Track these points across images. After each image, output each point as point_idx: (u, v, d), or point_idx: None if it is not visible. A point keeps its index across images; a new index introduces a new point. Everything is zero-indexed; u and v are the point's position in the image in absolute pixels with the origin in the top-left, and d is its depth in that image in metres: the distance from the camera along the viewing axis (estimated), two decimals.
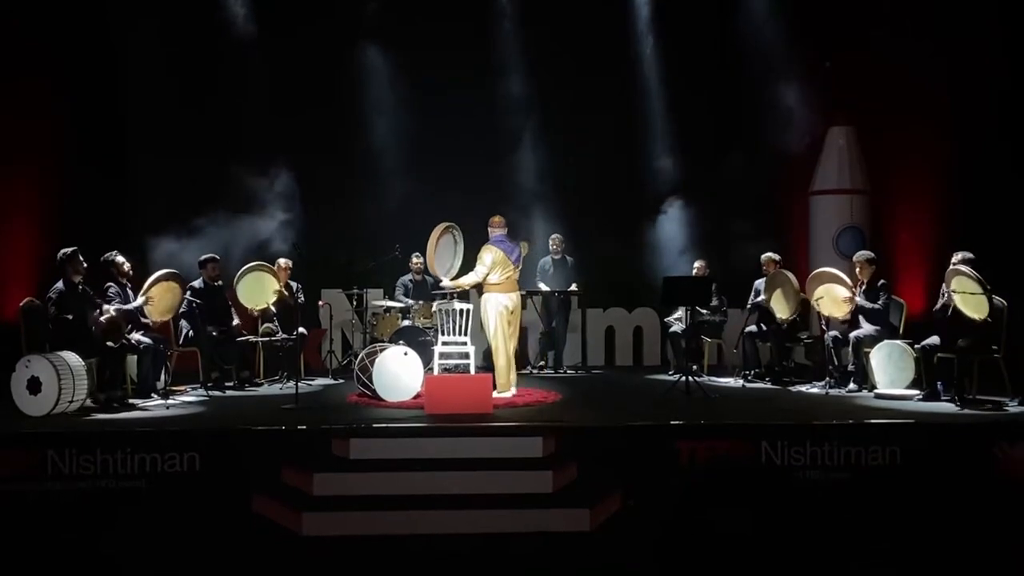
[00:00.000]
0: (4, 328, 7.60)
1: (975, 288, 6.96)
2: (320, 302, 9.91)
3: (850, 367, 8.08)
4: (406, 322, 8.87)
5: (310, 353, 9.69)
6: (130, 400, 7.28)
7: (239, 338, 8.48)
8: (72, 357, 6.70)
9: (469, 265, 7.79)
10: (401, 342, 7.98)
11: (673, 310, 9.44)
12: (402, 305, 9.10)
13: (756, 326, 8.86)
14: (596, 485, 5.98)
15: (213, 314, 8.33)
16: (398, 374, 7.34)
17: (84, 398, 6.80)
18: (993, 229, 8.85)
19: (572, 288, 9.74)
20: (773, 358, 8.76)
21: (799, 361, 9.11)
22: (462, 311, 7.65)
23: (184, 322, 8.27)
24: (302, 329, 8.45)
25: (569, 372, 9.80)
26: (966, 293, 7.03)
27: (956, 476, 6.11)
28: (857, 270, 8.13)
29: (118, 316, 7.30)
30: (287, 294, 8.82)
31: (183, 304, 8.07)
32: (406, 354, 7.39)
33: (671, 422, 6.38)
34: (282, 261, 9.17)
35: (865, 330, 7.98)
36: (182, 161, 9.85)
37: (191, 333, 8.22)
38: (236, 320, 8.59)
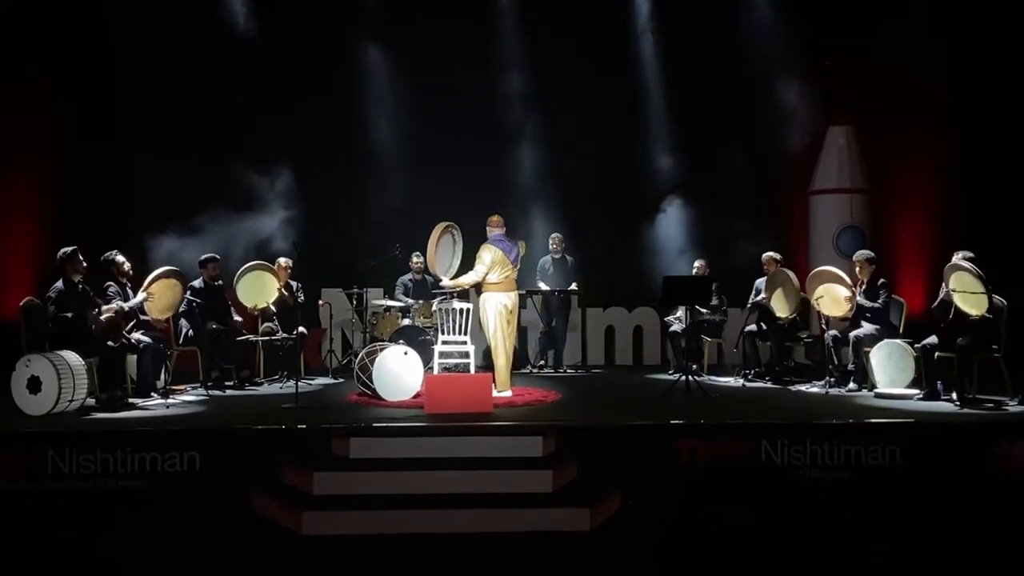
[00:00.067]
0: (4, 327, 7.58)
1: (974, 284, 6.97)
2: (320, 301, 9.93)
3: (850, 366, 8.08)
4: (406, 321, 8.87)
5: (310, 352, 9.70)
6: (130, 399, 7.28)
7: (239, 337, 8.49)
8: (72, 356, 6.70)
9: (468, 264, 7.79)
10: (401, 341, 7.98)
11: (673, 309, 9.45)
12: (402, 304, 9.11)
13: (756, 325, 8.86)
14: (596, 484, 5.99)
15: (213, 314, 8.34)
16: (398, 373, 7.34)
17: (84, 397, 6.81)
18: (993, 229, 8.85)
19: (572, 287, 9.75)
20: (773, 357, 8.76)
21: (799, 360, 9.11)
22: (462, 310, 7.65)
23: (184, 321, 8.27)
24: (302, 328, 8.46)
25: (569, 371, 9.81)
26: (966, 293, 7.04)
27: (956, 475, 6.12)
28: (857, 269, 8.13)
29: (117, 315, 7.30)
30: (287, 294, 8.83)
31: (183, 304, 8.07)
32: (406, 353, 7.40)
33: (671, 421, 6.38)
34: (282, 260, 9.17)
35: (865, 329, 7.98)
36: (182, 161, 9.84)
37: (191, 332, 8.22)
38: (237, 319, 8.59)
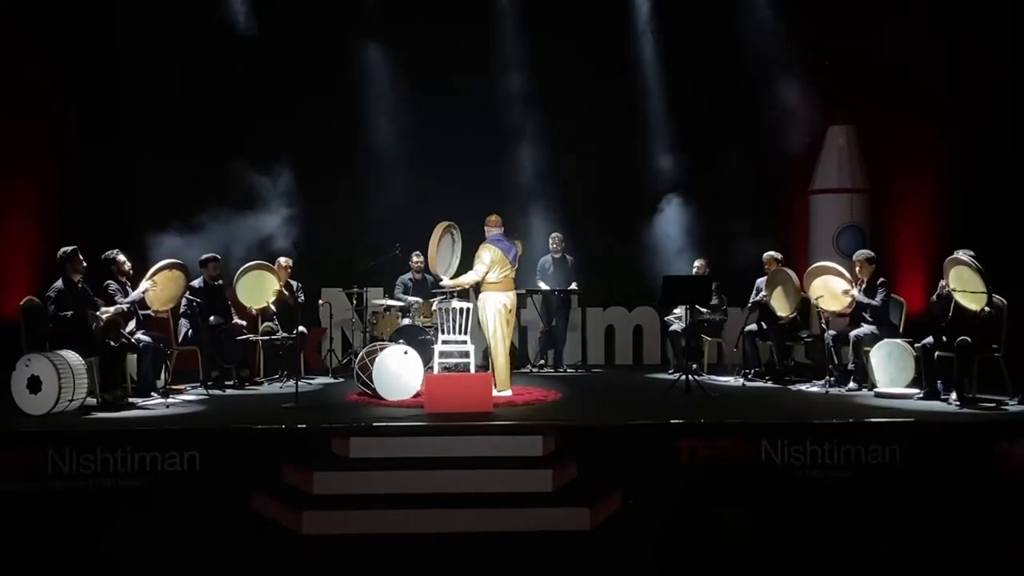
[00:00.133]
0: (4, 327, 7.58)
1: (974, 280, 6.97)
2: (320, 301, 9.92)
3: (850, 366, 8.08)
4: (406, 321, 8.87)
5: (310, 352, 9.69)
6: (130, 399, 7.28)
7: (239, 337, 8.49)
8: (72, 356, 6.70)
9: (466, 264, 7.79)
10: (401, 341, 7.98)
11: (673, 309, 9.44)
12: (402, 304, 9.10)
13: (757, 325, 8.85)
14: (596, 484, 5.99)
15: (213, 313, 8.33)
16: (398, 373, 7.34)
17: (84, 397, 6.81)
18: (993, 228, 8.84)
19: (572, 287, 9.75)
20: (774, 357, 8.76)
21: (799, 360, 9.10)
22: (462, 310, 7.65)
23: (184, 321, 8.27)
24: (302, 328, 8.46)
25: (569, 371, 9.80)
26: (966, 292, 7.04)
27: (956, 475, 6.12)
28: (857, 269, 8.13)
29: (115, 315, 7.28)
30: (287, 293, 8.83)
31: (183, 304, 8.06)
32: (406, 353, 7.39)
33: (671, 421, 6.38)
34: (282, 260, 9.16)
35: (865, 329, 7.98)
36: (182, 160, 9.84)
37: (191, 332, 8.22)
38: (238, 322, 8.59)
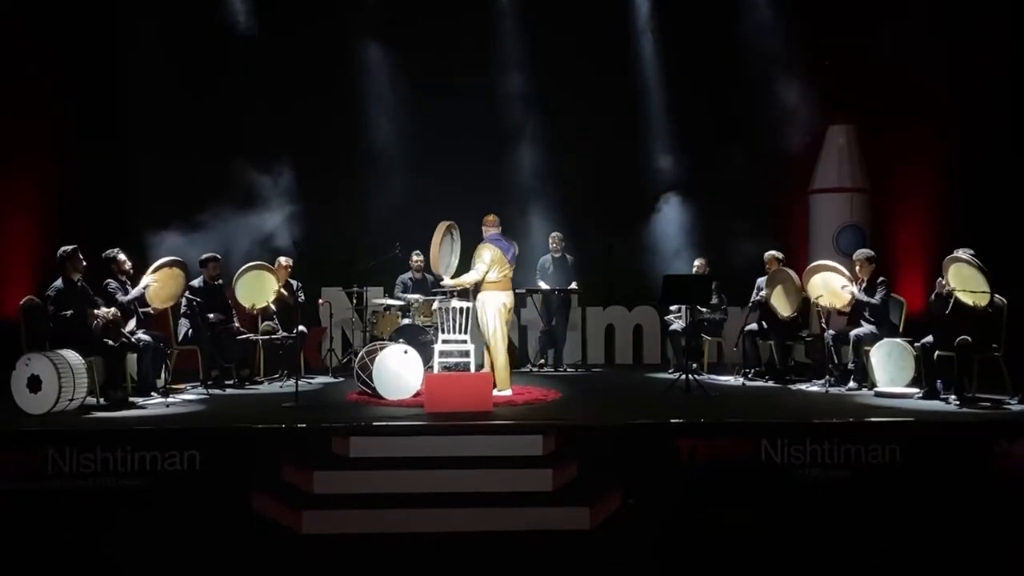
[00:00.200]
0: (4, 326, 7.58)
1: (973, 276, 6.98)
2: (320, 300, 9.93)
3: (850, 365, 8.07)
4: (406, 320, 8.87)
5: (310, 351, 9.70)
6: (130, 399, 7.28)
7: (239, 336, 8.49)
8: (72, 355, 6.70)
9: (464, 263, 7.78)
10: (401, 340, 7.98)
11: (673, 308, 9.44)
12: (402, 303, 9.10)
13: (757, 324, 8.85)
14: (596, 483, 5.98)
15: (213, 313, 8.32)
16: (398, 372, 7.35)
17: (84, 396, 6.81)
18: (993, 228, 8.83)
19: (572, 286, 9.75)
20: (774, 356, 8.75)
21: (799, 359, 9.09)
22: (462, 309, 7.64)
23: (184, 320, 8.27)
24: (302, 327, 8.46)
25: (569, 370, 9.81)
26: (966, 291, 7.04)
27: (956, 475, 6.11)
28: (857, 268, 8.13)
29: (115, 315, 7.28)
30: (286, 294, 8.83)
31: (183, 304, 8.06)
32: (406, 352, 7.40)
33: (671, 420, 6.38)
34: (282, 259, 9.17)
35: (865, 328, 7.98)
36: (182, 160, 9.85)
37: (191, 332, 8.22)
38: (236, 323, 8.59)
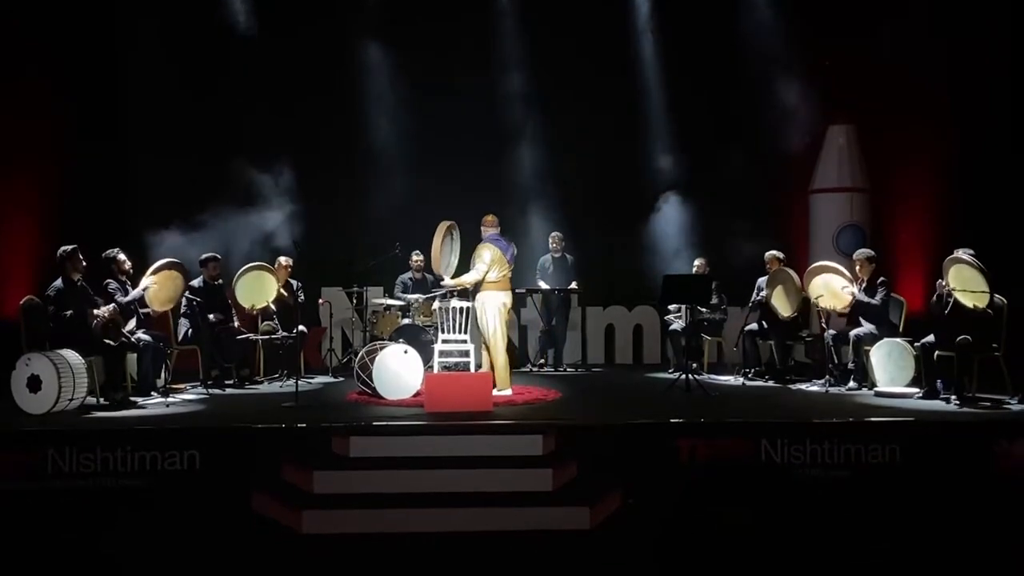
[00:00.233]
0: (4, 326, 7.58)
1: (974, 277, 6.98)
2: (320, 300, 9.93)
3: (850, 365, 8.07)
4: (406, 320, 8.87)
5: (310, 351, 9.70)
6: (131, 398, 7.27)
7: (239, 336, 8.49)
8: (72, 355, 6.70)
9: (463, 263, 7.78)
10: (401, 340, 7.98)
11: (673, 308, 9.44)
12: (402, 303, 9.11)
13: (758, 324, 8.85)
14: (596, 483, 5.98)
15: (213, 313, 8.33)
16: (398, 372, 7.34)
17: (84, 396, 6.81)
18: (993, 229, 8.83)
19: (572, 286, 9.75)
20: (774, 356, 8.75)
21: (799, 359, 9.09)
22: (462, 309, 7.64)
23: (184, 320, 8.27)
24: (302, 327, 8.46)
25: (569, 370, 9.81)
26: (966, 291, 7.04)
27: (956, 474, 6.11)
28: (857, 268, 8.13)
29: (114, 315, 7.28)
30: (286, 294, 8.82)
31: (183, 303, 8.06)
32: (406, 352, 7.39)
33: (671, 420, 6.38)
34: (282, 259, 9.17)
35: (865, 328, 7.98)
36: (182, 160, 9.85)
37: (191, 331, 8.22)
38: (236, 322, 8.59)
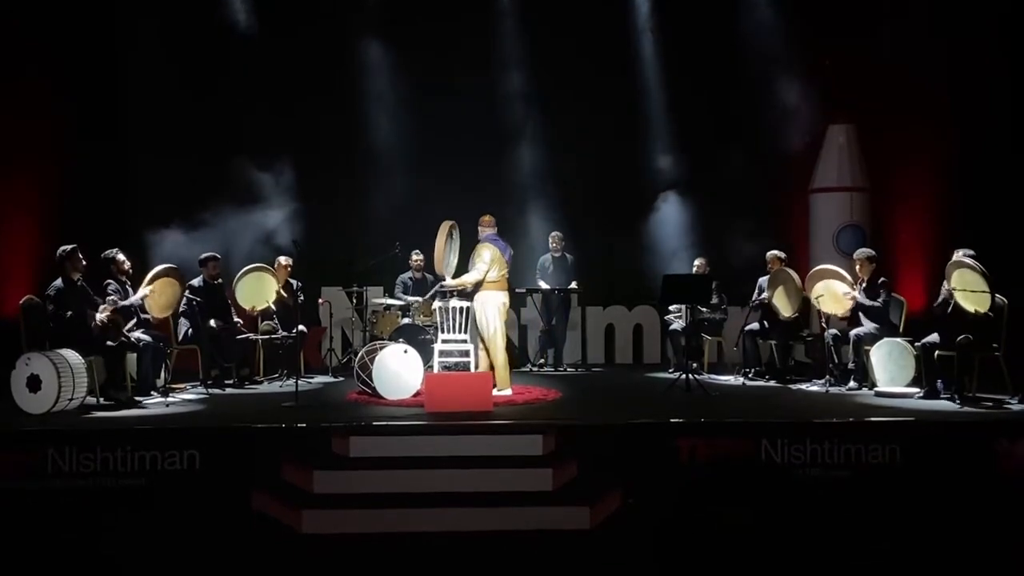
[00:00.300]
0: (4, 326, 7.58)
1: (977, 281, 6.97)
2: (320, 300, 9.92)
3: (850, 365, 8.07)
4: (406, 320, 8.87)
5: (310, 351, 9.69)
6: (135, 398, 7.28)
7: (239, 336, 8.48)
8: (72, 355, 6.70)
9: (462, 263, 7.78)
10: (401, 340, 7.98)
11: (673, 308, 9.43)
12: (402, 303, 9.10)
13: (759, 323, 8.85)
14: (596, 483, 5.98)
15: (213, 312, 8.32)
16: (398, 372, 7.34)
17: (84, 396, 6.81)
18: (993, 229, 8.83)
19: (572, 286, 9.75)
20: (775, 356, 8.74)
21: (799, 359, 9.09)
22: (462, 309, 7.64)
23: (184, 320, 8.27)
24: (302, 327, 8.46)
25: (569, 370, 9.81)
26: (967, 291, 7.03)
27: (957, 474, 6.11)
28: (857, 268, 8.13)
29: (114, 314, 7.28)
30: (286, 295, 8.82)
31: (183, 303, 8.07)
32: (406, 352, 7.39)
33: (671, 420, 6.38)
34: (282, 259, 9.17)
35: (865, 328, 7.97)
36: (182, 160, 9.85)
37: (191, 331, 8.22)
38: (236, 320, 8.59)
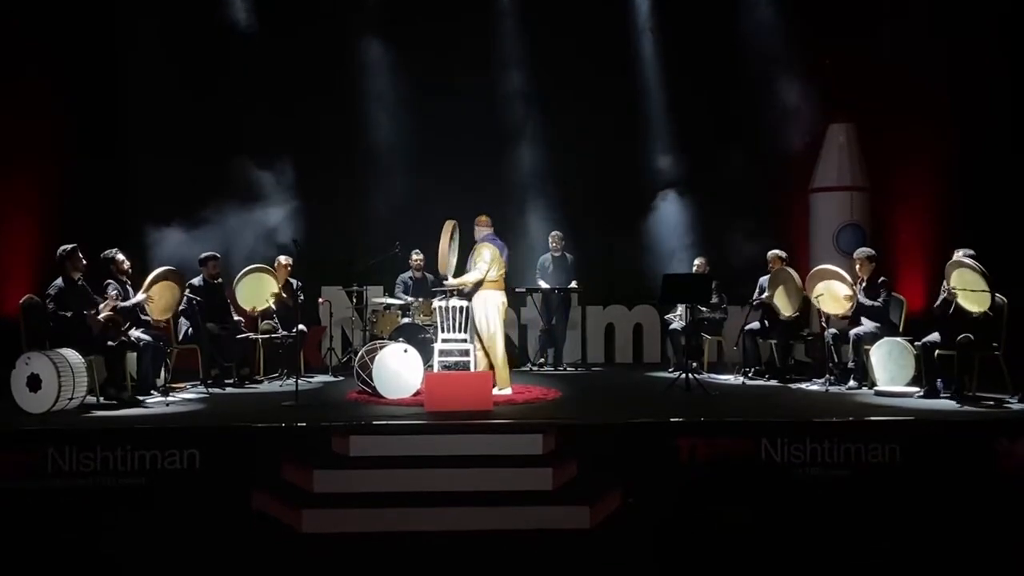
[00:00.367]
0: (4, 325, 7.58)
1: (977, 281, 6.97)
2: (320, 299, 9.92)
3: (850, 364, 8.07)
4: (406, 319, 8.87)
5: (310, 350, 9.70)
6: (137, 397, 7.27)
7: (239, 335, 8.49)
8: (72, 354, 6.70)
9: (461, 264, 7.79)
10: (401, 339, 7.98)
11: (672, 307, 9.44)
12: (402, 302, 9.10)
13: (760, 323, 8.85)
14: (596, 482, 5.98)
15: (213, 312, 8.33)
16: (398, 371, 7.34)
17: (84, 395, 6.81)
18: (993, 229, 8.83)
19: (572, 285, 9.75)
20: (775, 355, 8.74)
21: (799, 358, 9.09)
22: (461, 308, 7.64)
23: (184, 319, 8.27)
24: (302, 326, 8.46)
25: (569, 369, 9.81)
26: (967, 291, 7.04)
27: (957, 473, 6.11)
28: (857, 267, 8.13)
29: (114, 313, 7.27)
30: (286, 295, 8.82)
31: (183, 302, 8.07)
32: (406, 351, 7.39)
33: (671, 419, 6.37)
34: (282, 259, 9.17)
35: (865, 327, 7.98)
36: (182, 160, 9.85)
37: (191, 331, 8.22)
38: (236, 318, 8.59)
